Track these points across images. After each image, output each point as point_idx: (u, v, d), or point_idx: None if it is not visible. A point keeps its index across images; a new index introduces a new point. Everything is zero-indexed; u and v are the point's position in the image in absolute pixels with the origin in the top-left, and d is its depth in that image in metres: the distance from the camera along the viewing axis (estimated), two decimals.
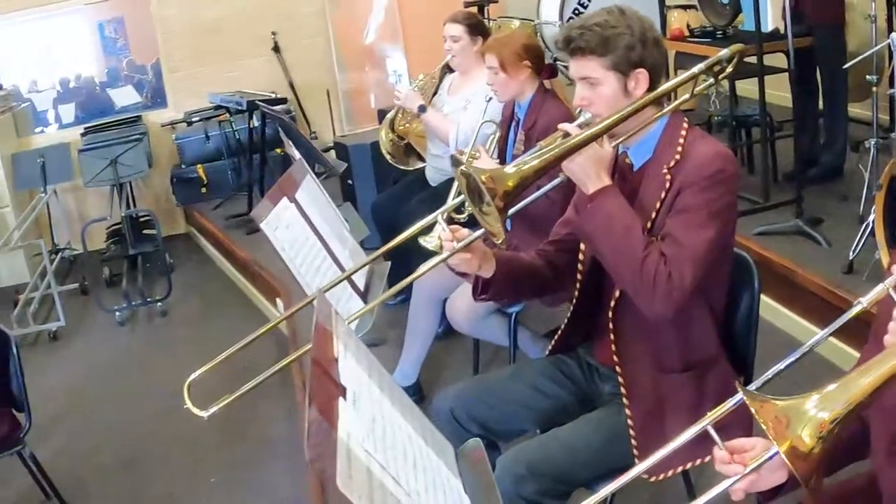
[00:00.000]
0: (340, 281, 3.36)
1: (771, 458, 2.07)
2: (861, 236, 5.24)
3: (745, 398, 1.96)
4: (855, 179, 6.41)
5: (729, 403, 2.12)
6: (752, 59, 6.55)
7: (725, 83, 7.41)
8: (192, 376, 3.44)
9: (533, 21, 8.41)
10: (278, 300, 7.02)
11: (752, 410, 1.94)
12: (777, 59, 6.74)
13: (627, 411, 3.15)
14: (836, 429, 1.91)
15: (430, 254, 4.84)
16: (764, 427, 1.91)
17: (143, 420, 6.07)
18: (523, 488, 2.97)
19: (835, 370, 4.31)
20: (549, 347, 3.59)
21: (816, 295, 5.16)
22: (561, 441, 3.12)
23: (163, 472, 5.42)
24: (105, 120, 9.71)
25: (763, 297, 3.62)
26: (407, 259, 4.99)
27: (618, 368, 3.21)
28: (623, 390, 3.19)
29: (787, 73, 6.44)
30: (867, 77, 5.98)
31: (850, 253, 5.28)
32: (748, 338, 3.31)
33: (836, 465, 2.53)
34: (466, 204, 2.94)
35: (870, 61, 6.01)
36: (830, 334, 2.18)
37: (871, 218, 5.11)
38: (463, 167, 2.86)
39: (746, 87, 7.20)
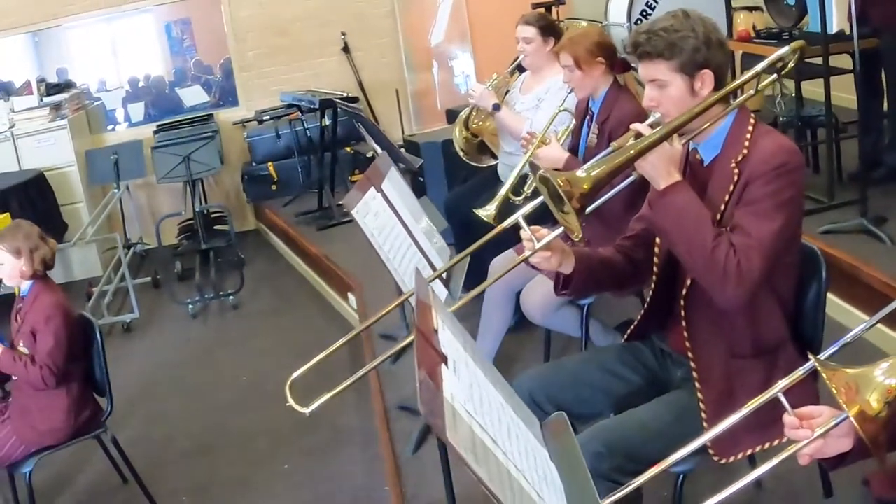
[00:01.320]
0: (438, 275, 3.50)
1: (839, 423, 2.18)
2: None
3: (817, 365, 2.08)
4: None
5: (800, 371, 2.23)
6: (818, 61, 6.63)
7: (792, 85, 7.49)
8: (294, 375, 3.58)
9: (601, 22, 8.48)
10: (350, 295, 7.14)
11: (824, 376, 2.07)
12: (842, 61, 6.78)
13: (699, 394, 3.26)
14: None
15: (499, 246, 5.00)
16: (835, 392, 2.04)
17: (216, 409, 6.23)
18: (600, 466, 3.06)
19: None
20: (626, 334, 3.70)
21: (880, 292, 5.21)
22: (636, 420, 3.24)
23: (236, 459, 5.55)
24: (178, 118, 9.90)
25: (828, 295, 3.72)
26: (481, 251, 5.12)
27: (690, 354, 3.33)
28: (695, 374, 3.30)
29: (852, 75, 6.51)
30: None
31: None
32: (815, 325, 3.40)
33: None
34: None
35: None
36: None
37: None
38: (542, 171, 3.00)
39: (811, 89, 7.25)
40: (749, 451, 3.30)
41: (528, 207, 3.40)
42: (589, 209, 3.02)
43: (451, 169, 7.06)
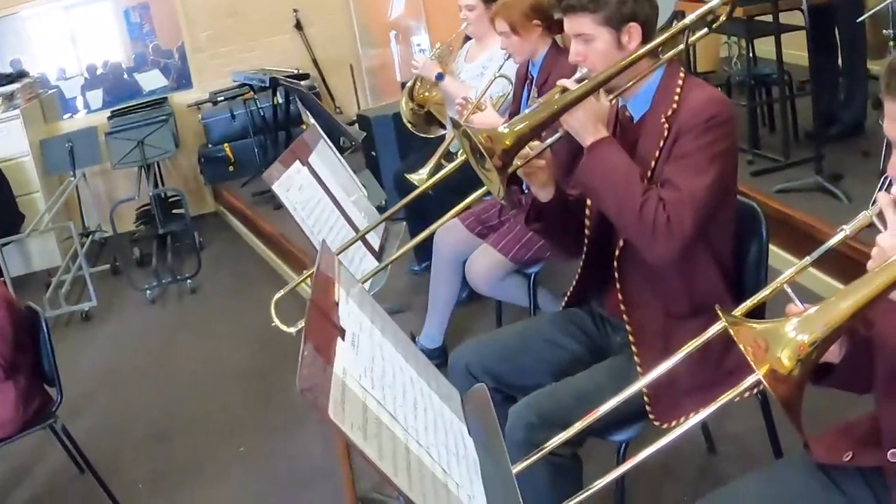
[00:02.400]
0: (354, 241, 3.44)
1: None
2: (878, 190, 5.24)
3: (724, 321, 2.00)
4: (876, 136, 6.39)
5: (711, 330, 2.20)
6: (770, 19, 6.59)
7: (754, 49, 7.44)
8: (279, 294, 3.75)
9: None
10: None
11: (731, 332, 1.99)
12: (795, 18, 6.73)
13: (636, 357, 3.21)
14: (814, 352, 1.95)
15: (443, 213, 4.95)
16: (743, 350, 1.96)
17: (174, 393, 6.17)
18: (535, 436, 2.99)
19: None
20: (564, 301, 3.65)
21: (836, 249, 5.15)
22: (572, 389, 3.18)
23: (193, 444, 5.50)
24: (131, 103, 9.82)
25: (784, 254, 3.68)
26: (426, 222, 5.06)
27: (625, 316, 3.28)
28: (631, 337, 3.25)
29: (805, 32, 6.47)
30: (884, 31, 5.97)
31: (871, 207, 5.27)
32: (758, 282, 3.35)
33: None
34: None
35: (886, 17, 6.02)
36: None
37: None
38: (463, 127, 2.93)
39: (767, 49, 7.19)
40: (692, 415, 3.24)
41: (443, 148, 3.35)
42: (513, 168, 2.96)
43: (403, 141, 7.04)
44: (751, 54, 7.44)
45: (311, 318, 1.83)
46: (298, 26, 10.09)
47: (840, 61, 6.87)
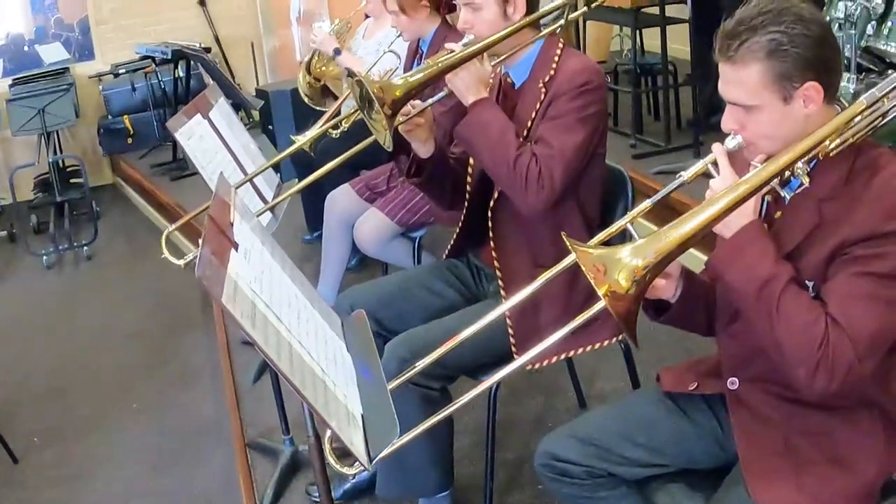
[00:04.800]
0: (249, 179, 3.67)
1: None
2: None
3: (568, 244, 2.25)
4: None
5: (566, 261, 2.38)
6: (657, 11, 6.89)
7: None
8: (171, 228, 4.03)
9: None
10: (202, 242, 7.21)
11: (574, 256, 2.24)
12: (683, 11, 7.01)
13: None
14: (648, 274, 2.22)
15: (337, 183, 5.20)
16: (585, 271, 2.21)
17: (71, 353, 6.25)
18: (406, 370, 3.24)
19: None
20: (445, 253, 3.89)
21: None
22: (444, 328, 3.39)
23: (90, 399, 5.59)
24: (33, 72, 9.80)
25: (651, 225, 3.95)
26: (320, 190, 5.30)
27: (496, 263, 3.52)
28: (501, 283, 3.50)
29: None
30: None
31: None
32: (622, 242, 3.60)
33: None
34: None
35: None
36: None
37: None
38: (357, 77, 3.17)
39: (656, 43, 7.47)
40: (555, 359, 3.50)
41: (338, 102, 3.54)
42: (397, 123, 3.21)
43: (300, 116, 7.16)
44: (638, 44, 7.71)
45: (209, 230, 2.02)
46: (202, 2, 10.14)
47: None
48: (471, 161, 3.59)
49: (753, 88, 2.41)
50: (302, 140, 4.21)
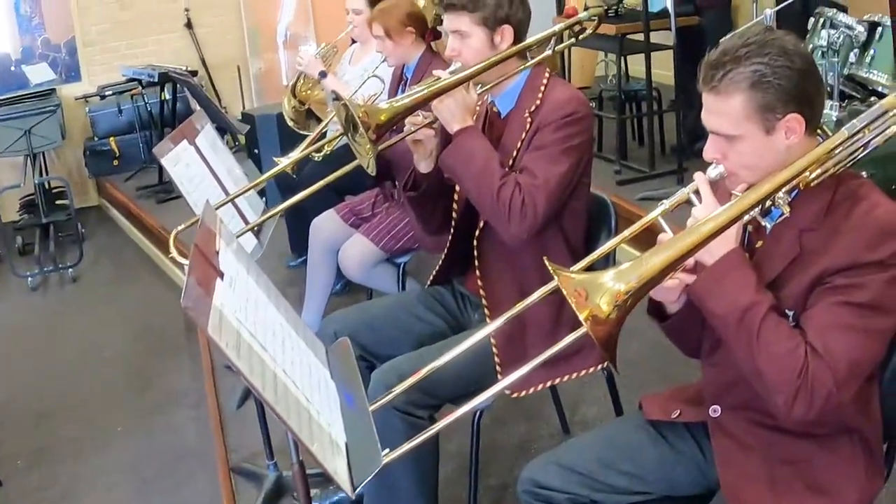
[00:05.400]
0: (231, 199, 3.68)
1: None
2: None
3: (550, 269, 2.27)
4: None
5: (551, 284, 2.38)
6: (642, 38, 6.93)
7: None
8: (179, 228, 3.71)
9: None
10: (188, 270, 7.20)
11: (557, 280, 2.26)
12: (668, 38, 7.06)
13: None
14: (629, 300, 2.25)
15: (322, 208, 5.22)
16: (567, 296, 2.24)
17: (56, 375, 6.23)
18: (395, 398, 3.25)
19: None
20: (429, 280, 3.91)
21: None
22: (432, 356, 3.39)
23: (74, 421, 5.58)
24: (19, 93, 9.80)
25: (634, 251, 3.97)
26: (305, 216, 5.32)
27: (482, 292, 3.55)
28: (487, 311, 3.53)
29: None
30: None
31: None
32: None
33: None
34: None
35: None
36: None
37: None
38: (343, 101, 3.20)
39: (640, 68, 7.52)
40: (540, 386, 3.52)
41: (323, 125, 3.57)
42: (384, 146, 3.25)
43: (285, 140, 7.17)
44: (623, 71, 7.76)
45: (195, 259, 2.04)
46: (189, 25, 10.17)
47: None
48: (457, 188, 3.62)
49: (736, 119, 2.44)
50: (285, 162, 4.24)
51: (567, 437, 4.57)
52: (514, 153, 3.41)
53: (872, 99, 5.44)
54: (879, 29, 5.51)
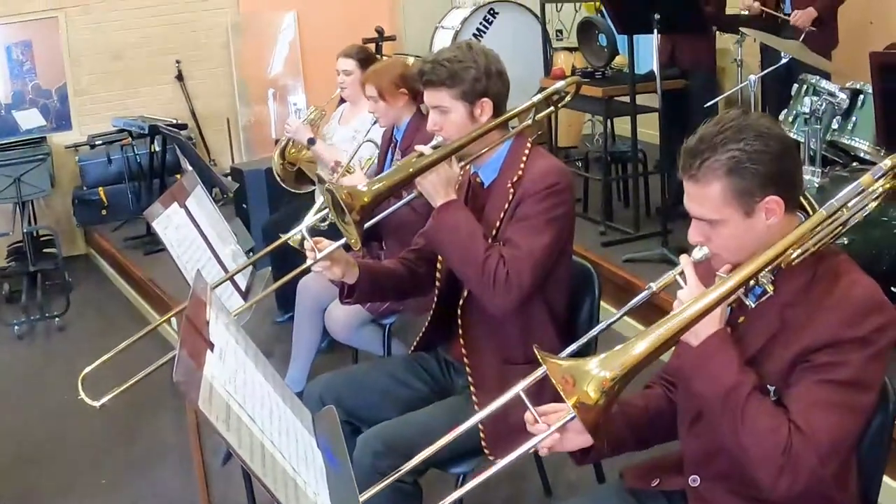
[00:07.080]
0: (226, 280, 3.70)
1: (571, 420, 2.43)
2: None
3: (539, 356, 2.33)
4: None
5: (538, 372, 2.46)
6: (628, 100, 7.02)
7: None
8: (87, 369, 3.90)
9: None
10: (173, 318, 7.23)
11: (544, 367, 2.32)
12: (654, 100, 7.14)
13: (475, 398, 3.53)
14: (616, 385, 2.30)
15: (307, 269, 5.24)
16: (555, 383, 2.29)
17: (40, 424, 6.24)
18: (380, 463, 3.30)
19: None
20: (413, 346, 3.96)
21: (654, 304, 5.52)
22: (416, 422, 3.48)
23: (58, 472, 5.59)
24: (9, 140, 9.82)
25: (627, 319, 3.99)
26: (292, 268, 5.34)
27: (466, 360, 3.60)
28: (471, 380, 3.58)
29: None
30: None
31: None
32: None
33: (652, 439, 2.96)
34: (329, 215, 3.35)
35: (737, 101, 6.49)
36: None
37: None
38: (327, 185, 3.28)
39: (626, 127, 7.61)
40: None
41: (309, 219, 3.65)
42: (370, 223, 3.30)
43: (274, 195, 7.26)
44: (609, 132, 7.84)
45: (186, 331, 2.09)
46: (180, 77, 10.25)
47: None
48: (440, 258, 3.67)
49: (716, 205, 2.51)
50: (297, 242, 4.28)
51: (550, 499, 4.60)
52: (498, 223, 3.48)
53: (854, 164, 5.53)
54: (861, 96, 5.58)
